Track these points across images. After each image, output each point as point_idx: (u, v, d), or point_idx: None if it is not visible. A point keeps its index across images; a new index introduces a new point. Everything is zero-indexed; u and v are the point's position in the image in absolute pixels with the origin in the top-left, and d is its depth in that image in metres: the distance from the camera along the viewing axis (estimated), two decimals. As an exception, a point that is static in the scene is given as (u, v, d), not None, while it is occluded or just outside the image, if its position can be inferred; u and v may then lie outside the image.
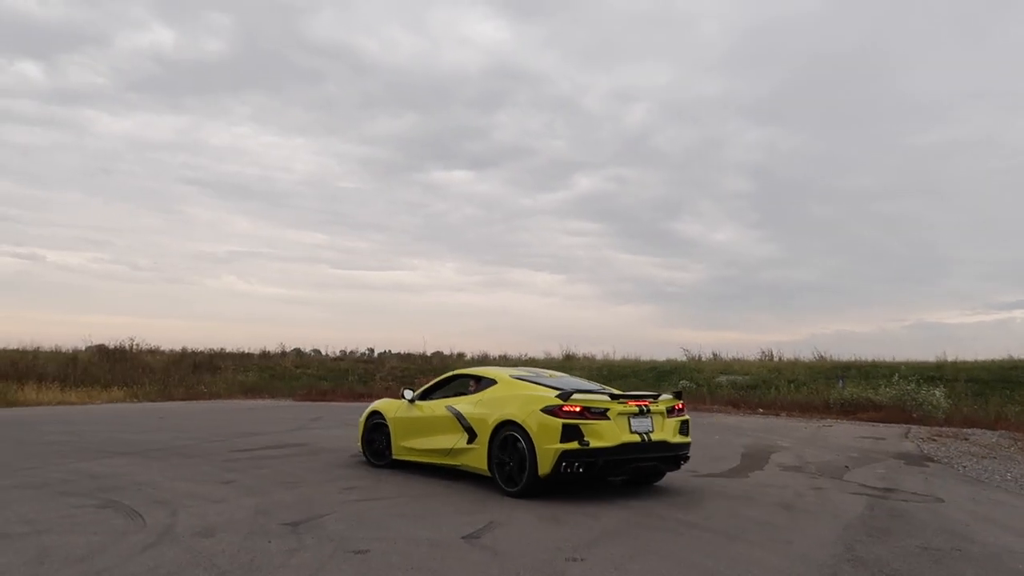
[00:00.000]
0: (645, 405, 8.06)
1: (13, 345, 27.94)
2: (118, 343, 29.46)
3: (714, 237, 60.72)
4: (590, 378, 24.43)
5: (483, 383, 8.83)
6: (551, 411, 7.65)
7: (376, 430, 9.87)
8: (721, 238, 60.77)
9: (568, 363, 30.51)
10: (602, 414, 7.74)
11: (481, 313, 61.62)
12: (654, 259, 64.07)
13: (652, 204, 62.17)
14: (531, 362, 31.85)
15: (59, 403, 20.72)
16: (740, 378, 26.27)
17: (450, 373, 9.79)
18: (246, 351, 33.15)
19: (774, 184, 58.35)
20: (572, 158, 62.05)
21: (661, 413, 8.18)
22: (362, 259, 70.64)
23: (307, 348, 36.45)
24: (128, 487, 8.05)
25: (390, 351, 36.79)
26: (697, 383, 25.65)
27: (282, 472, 9.28)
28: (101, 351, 28.54)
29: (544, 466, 7.57)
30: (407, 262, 72.52)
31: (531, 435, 7.66)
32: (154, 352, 30.18)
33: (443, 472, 9.24)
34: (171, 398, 22.28)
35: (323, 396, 24.50)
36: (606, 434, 7.65)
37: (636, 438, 7.83)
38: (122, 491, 7.80)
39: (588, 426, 7.60)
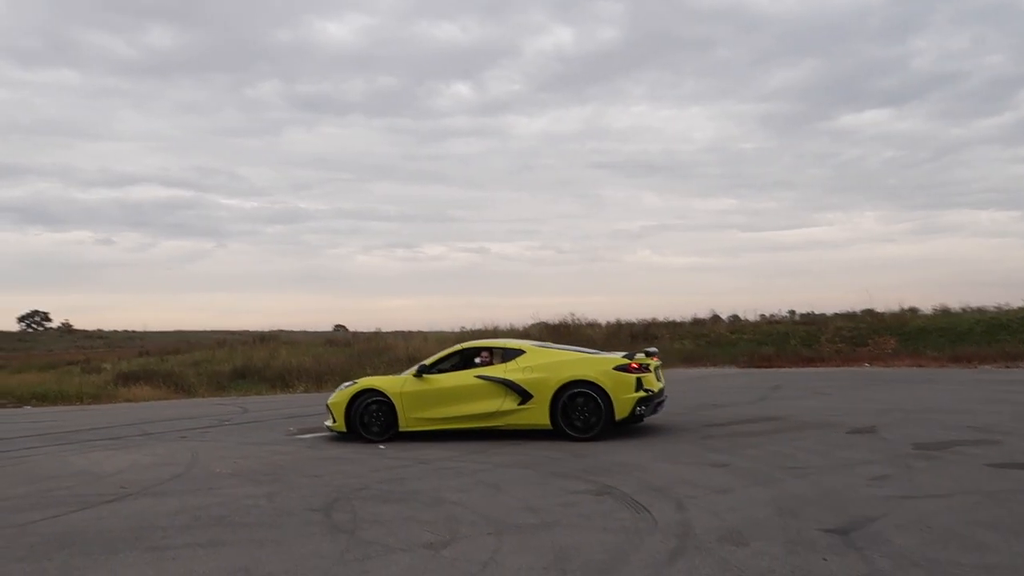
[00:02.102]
0: (658, 360, 9.91)
1: (474, 326, 31.13)
2: (560, 319, 31.27)
3: None
4: None
5: (509, 353, 9.90)
6: (622, 369, 9.30)
7: (371, 407, 9.95)
8: None
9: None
10: (646, 368, 9.46)
11: (914, 263, 53.81)
12: None
13: None
14: (1013, 310, 26.09)
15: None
16: None
17: (449, 350, 10.37)
18: (676, 320, 32.69)
19: None
20: (1016, 72, 50.54)
21: (660, 366, 10.01)
22: (772, 219, 66.81)
23: (724, 314, 34.74)
24: (615, 469, 7.35)
25: (813, 312, 33.34)
26: None
27: (775, 453, 7.89)
28: (547, 327, 30.47)
29: (622, 412, 9.17)
30: (821, 217, 66.65)
31: (607, 389, 9.17)
32: (592, 325, 31.33)
33: (980, 459, 7.00)
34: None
35: (767, 362, 22.59)
36: (652, 383, 9.47)
37: (660, 384, 9.76)
38: (611, 474, 7.10)
39: (645, 378, 9.34)
